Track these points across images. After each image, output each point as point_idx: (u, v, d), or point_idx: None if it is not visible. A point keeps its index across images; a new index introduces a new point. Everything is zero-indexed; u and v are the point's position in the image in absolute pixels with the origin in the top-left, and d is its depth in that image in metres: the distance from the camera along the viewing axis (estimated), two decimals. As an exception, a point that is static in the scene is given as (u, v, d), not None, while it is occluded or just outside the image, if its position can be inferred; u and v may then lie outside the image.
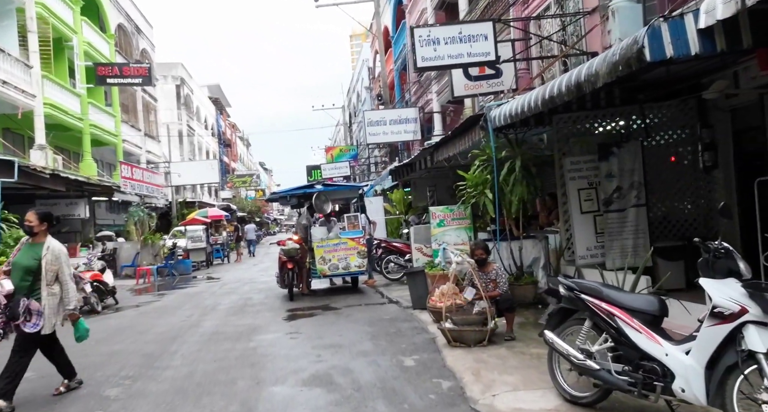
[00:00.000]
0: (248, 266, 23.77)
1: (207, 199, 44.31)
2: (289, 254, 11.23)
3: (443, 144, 11.12)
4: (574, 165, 8.31)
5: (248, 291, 13.48)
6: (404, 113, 17.72)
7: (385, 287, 12.21)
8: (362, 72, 42.73)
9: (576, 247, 8.22)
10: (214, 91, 57.25)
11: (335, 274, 11.53)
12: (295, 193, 11.60)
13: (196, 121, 45.98)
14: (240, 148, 73.20)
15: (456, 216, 9.47)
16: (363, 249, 11.57)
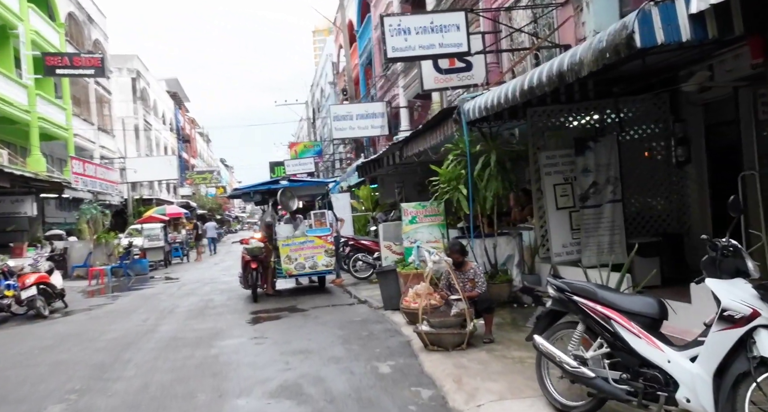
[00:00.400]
0: (209, 265, 22.98)
1: (165, 196, 42.91)
2: (252, 253, 10.70)
3: (413, 138, 10.78)
4: (550, 159, 8.09)
5: (209, 292, 12.86)
6: (371, 108, 17.32)
7: (354, 286, 11.81)
8: (326, 67, 42.09)
9: (551, 244, 8.00)
10: (172, 85, 55.56)
11: (302, 273, 11.06)
12: (258, 189, 11.06)
13: (154, 115, 44.45)
14: (200, 144, 71.41)
15: (429, 212, 9.15)
16: (330, 247, 11.13)
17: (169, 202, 36.94)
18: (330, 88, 40.68)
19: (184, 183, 50.27)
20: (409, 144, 11.28)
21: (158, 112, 46.88)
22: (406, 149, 11.65)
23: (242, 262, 11.05)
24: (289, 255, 10.92)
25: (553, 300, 4.16)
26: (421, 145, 10.37)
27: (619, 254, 7.80)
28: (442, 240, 9.06)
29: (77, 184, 20.29)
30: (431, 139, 9.69)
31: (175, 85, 56.76)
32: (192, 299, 11.90)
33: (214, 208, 53.29)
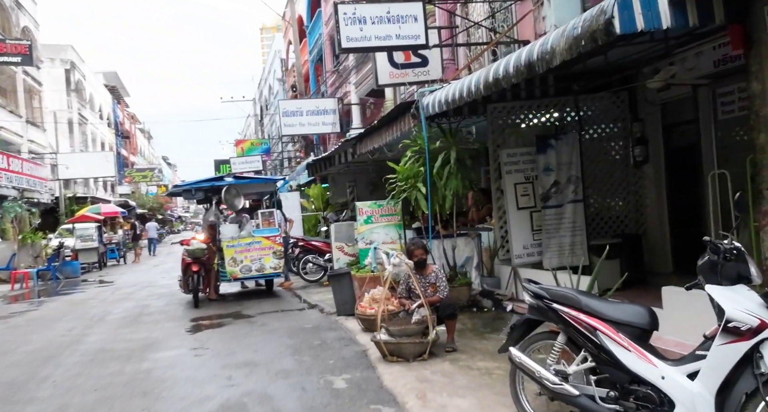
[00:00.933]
0: (148, 267, 21.73)
1: (102, 194, 40.72)
2: (194, 254, 9.94)
3: (368, 135, 10.30)
4: (511, 157, 7.78)
5: (146, 297, 11.94)
6: (322, 104, 16.72)
7: (304, 289, 11.20)
8: (274, 63, 41.01)
9: (512, 245, 7.70)
10: (110, 79, 52.89)
11: (248, 276, 10.37)
12: (201, 186, 10.29)
13: (90, 109, 42.08)
14: (140, 140, 68.44)
15: (385, 212, 8.68)
16: (279, 249, 10.50)
17: (106, 200, 35.02)
18: (279, 85, 39.65)
19: (123, 181, 47.93)
20: (363, 141, 10.79)
21: (95, 107, 44.46)
22: (360, 146, 11.16)
23: (182, 264, 10.26)
24: (234, 257, 10.22)
25: (530, 308, 3.76)
26: (377, 142, 9.90)
27: (580, 256, 7.57)
28: (399, 241, 8.62)
29: (0, 180, 18.70)
30: (387, 135, 9.24)
31: (114, 78, 54.09)
32: (126, 304, 10.98)
33: (155, 207, 51.08)
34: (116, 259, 24.37)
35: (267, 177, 12.57)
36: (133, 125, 63.41)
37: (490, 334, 6.22)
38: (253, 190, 11.09)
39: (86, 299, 12.36)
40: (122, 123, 55.71)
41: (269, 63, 44.71)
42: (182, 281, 10.36)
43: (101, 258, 22.03)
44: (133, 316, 9.52)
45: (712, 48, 6.74)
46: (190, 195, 10.17)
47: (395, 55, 11.19)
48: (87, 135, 40.85)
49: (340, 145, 12.48)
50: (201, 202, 11.09)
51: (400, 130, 8.54)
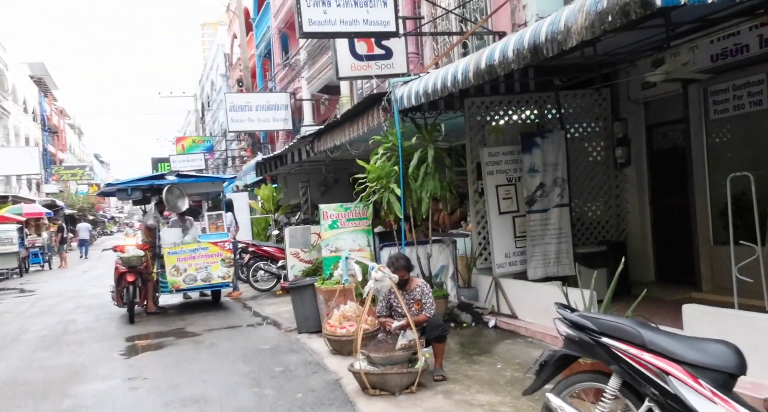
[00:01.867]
0: (76, 273, 19.86)
1: (26, 193, 37.64)
2: (129, 263, 8.72)
3: (329, 131, 9.40)
4: (493, 157, 7.09)
5: (72, 310, 10.52)
6: (273, 99, 15.62)
7: (255, 300, 10.16)
8: (217, 58, 39.23)
9: (493, 253, 7.00)
10: (37, 70, 49.20)
11: (192, 287, 9.23)
12: (139, 185, 9.03)
13: (12, 102, 38.88)
14: (70, 136, 64.33)
15: (353, 216, 7.79)
16: (228, 256, 9.41)
17: (30, 200, 32.27)
18: (222, 81, 37.92)
19: (50, 180, 44.61)
20: (322, 137, 9.87)
21: (18, 99, 41.16)
22: (319, 144, 10.24)
23: (116, 274, 9.01)
24: (176, 265, 9.05)
25: (568, 341, 3.01)
26: (339, 139, 9.02)
27: (566, 265, 6.97)
28: (368, 248, 7.75)
29: None
30: (352, 131, 8.37)
31: (40, 69, 50.38)
32: (48, 319, 9.58)
33: (86, 207, 47.90)
34: (40, 264, 22.25)
35: (214, 176, 11.37)
36: (62, 120, 59.49)
37: (479, 356, 5.47)
38: (198, 190, 9.93)
39: (1, 312, 10.80)
40: (50, 117, 52.01)
41: (211, 58, 42.79)
42: (115, 292, 9.10)
43: (22, 263, 19.97)
44: (55, 334, 8.20)
45: (710, 42, 6.28)
46: (125, 195, 8.93)
47: (357, 46, 10.33)
48: (9, 129, 37.68)
49: (295, 142, 11.49)
50: (138, 203, 9.84)
51: (368, 125, 7.70)
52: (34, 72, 47.79)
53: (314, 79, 17.86)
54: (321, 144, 10.13)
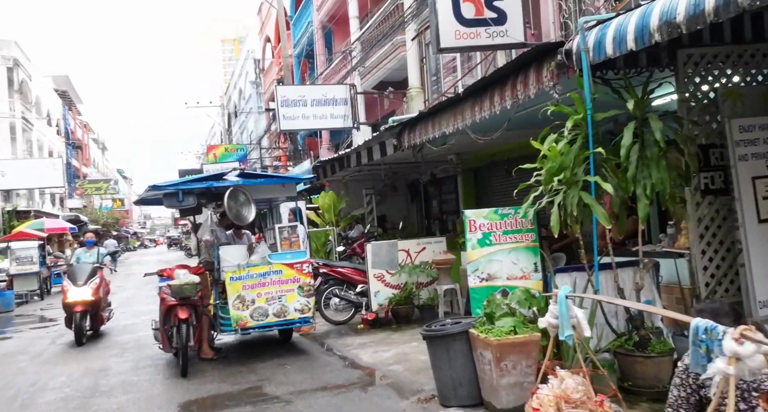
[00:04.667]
0: (103, 295, 17.67)
1: (50, 208, 36.02)
2: (182, 292, 6.42)
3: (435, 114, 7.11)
4: (746, 133, 4.66)
5: (102, 351, 8.25)
6: (331, 91, 13.38)
7: (333, 337, 7.83)
8: (246, 65, 37.48)
9: (750, 284, 4.54)
10: (61, 83, 48.07)
11: (263, 325, 6.88)
12: (193, 188, 6.72)
13: (36, 114, 37.43)
14: (94, 151, 63.27)
15: (512, 226, 5.37)
16: (308, 282, 7.08)
17: (53, 215, 30.53)
18: (251, 89, 36.12)
19: (74, 194, 43.07)
20: (420, 125, 7.59)
21: (42, 111, 39.78)
22: (411, 135, 7.96)
23: (162, 307, 6.73)
24: (241, 295, 6.74)
25: None
26: (453, 123, 6.72)
27: None
28: (534, 275, 5.32)
29: None
30: (483, 107, 6.06)
31: (65, 82, 49.27)
32: (72, 366, 7.30)
33: (110, 223, 46.23)
34: (63, 284, 20.14)
35: (289, 175, 8.90)
36: (86, 134, 58.42)
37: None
38: (266, 194, 7.60)
39: (13, 352, 8.57)
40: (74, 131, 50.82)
41: (239, 65, 41.12)
42: (160, 330, 6.80)
43: (44, 284, 17.91)
44: (80, 396, 5.88)
45: None
46: (174, 201, 6.63)
47: (463, 8, 8.03)
48: (32, 142, 36.20)
49: (377, 135, 9.18)
50: (186, 214, 7.60)
51: (521, 93, 5.36)
52: (58, 85, 46.63)
53: (368, 74, 15.64)
54: (415, 135, 7.83)
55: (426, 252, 8.88)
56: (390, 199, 14.77)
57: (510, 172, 10.70)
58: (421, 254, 8.87)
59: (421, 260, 8.79)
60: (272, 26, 28.42)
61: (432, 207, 14.98)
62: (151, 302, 13.42)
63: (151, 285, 19.80)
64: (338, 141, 20.54)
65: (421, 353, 6.34)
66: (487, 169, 11.86)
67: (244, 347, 7.71)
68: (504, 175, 10.79)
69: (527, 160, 5.18)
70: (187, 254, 43.96)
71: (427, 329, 4.73)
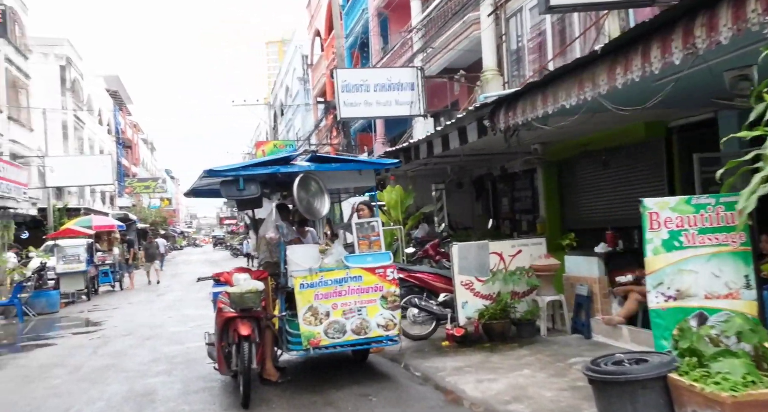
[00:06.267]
0: (149, 296, 16.90)
1: (100, 206, 36.12)
2: (243, 302, 5.19)
3: (556, 81, 5.66)
4: None
5: (147, 366, 7.12)
6: (396, 75, 12.05)
7: (413, 355, 6.48)
8: (294, 61, 36.67)
9: None
10: (112, 83, 48.60)
11: (339, 343, 5.59)
12: (256, 174, 5.46)
13: (87, 113, 37.65)
14: (143, 151, 64.18)
15: (710, 223, 3.87)
16: (393, 291, 5.76)
17: (103, 213, 30.38)
18: (299, 85, 35.27)
19: (123, 193, 43.31)
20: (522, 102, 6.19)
21: (93, 110, 40.07)
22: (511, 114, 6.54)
23: (218, 319, 5.52)
24: (314, 306, 5.47)
25: None
26: (575, 95, 5.30)
27: None
28: (745, 292, 3.80)
29: (-44, 182, 14.04)
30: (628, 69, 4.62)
31: (115, 82, 49.83)
32: (112, 387, 6.18)
33: (159, 221, 46.37)
34: (110, 283, 19.57)
35: (371, 160, 7.39)
36: (136, 134, 59.19)
37: None
38: (341, 183, 6.27)
39: (49, 365, 7.56)
40: (124, 131, 51.39)
41: (286, 62, 40.41)
42: (216, 347, 5.60)
43: (91, 284, 17.26)
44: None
45: None
46: (234, 190, 5.41)
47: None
48: (83, 140, 36.40)
49: (458, 119, 7.74)
50: (245, 207, 6.40)
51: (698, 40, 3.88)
52: (109, 85, 47.13)
53: (431, 60, 14.22)
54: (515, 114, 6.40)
55: (522, 256, 7.45)
56: (454, 197, 13.35)
57: (606, 164, 9.22)
58: (516, 257, 7.44)
59: (517, 265, 7.37)
60: (322, 18, 27.44)
61: (501, 205, 13.49)
62: (200, 306, 12.47)
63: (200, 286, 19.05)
64: (393, 134, 19.24)
65: (541, 386, 4.93)
66: (576, 161, 10.26)
67: (311, 368, 6.44)
68: (598, 168, 9.24)
69: (630, 149, 3.73)
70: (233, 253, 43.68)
71: (597, 370, 3.31)
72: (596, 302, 6.72)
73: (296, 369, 6.32)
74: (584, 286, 6.85)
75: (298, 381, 5.85)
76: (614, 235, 7.45)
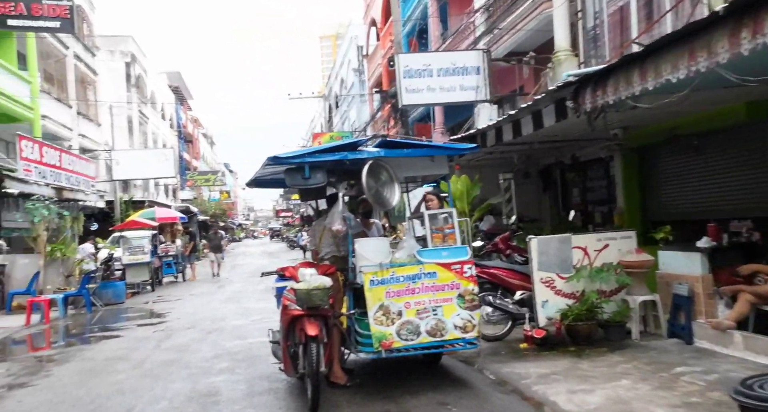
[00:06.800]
0: (210, 287, 17.03)
1: (163, 199, 37.17)
2: (310, 301, 4.81)
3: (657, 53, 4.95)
4: None
5: (210, 363, 6.89)
6: (461, 59, 11.41)
7: (489, 358, 5.94)
8: (349, 53, 36.47)
9: None
10: (174, 79, 50.03)
11: (413, 346, 5.13)
12: (321, 161, 5.04)
13: (151, 108, 38.79)
14: (203, 145, 65.93)
15: None
16: (471, 289, 5.24)
17: (166, 205, 31.15)
18: (354, 77, 35.06)
19: (185, 186, 44.50)
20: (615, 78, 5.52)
21: (156, 105, 41.27)
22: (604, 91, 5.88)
23: (284, 317, 5.16)
24: (385, 305, 5.03)
25: None
26: (683, 66, 4.63)
27: None
28: None
29: (29, 175, 14.43)
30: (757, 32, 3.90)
31: (177, 79, 51.25)
32: (175, 385, 5.96)
33: (218, 214, 47.45)
34: (173, 274, 19.95)
35: (448, 145, 6.72)
36: (196, 129, 60.82)
37: None
38: (410, 171, 5.76)
39: (114, 358, 7.48)
40: (185, 126, 52.85)
41: (342, 54, 40.24)
42: (281, 346, 5.26)
43: (155, 274, 17.57)
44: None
45: None
46: (298, 179, 5.01)
47: None
48: (148, 135, 37.55)
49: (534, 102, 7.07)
50: (307, 197, 6.01)
51: None
52: (171, 81, 48.50)
53: (495, 43, 13.45)
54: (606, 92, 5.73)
55: (610, 250, 6.75)
56: (520, 188, 12.63)
57: (698, 149, 8.29)
58: (602, 252, 6.76)
59: (603, 261, 6.68)
60: (378, 7, 27.02)
61: (571, 196, 12.67)
62: (260, 299, 12.36)
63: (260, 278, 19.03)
64: (453, 124, 18.57)
65: (648, 401, 4.30)
66: (661, 147, 9.35)
67: (379, 369, 6.01)
68: (688, 154, 8.36)
69: (727, 133, 3.02)
70: (290, 245, 44.18)
71: (758, 397, 2.67)
72: (698, 303, 5.96)
73: (363, 371, 5.91)
74: (684, 285, 6.10)
75: (368, 385, 5.42)
76: (717, 228, 6.62)
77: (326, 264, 5.49)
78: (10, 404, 5.56)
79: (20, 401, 5.62)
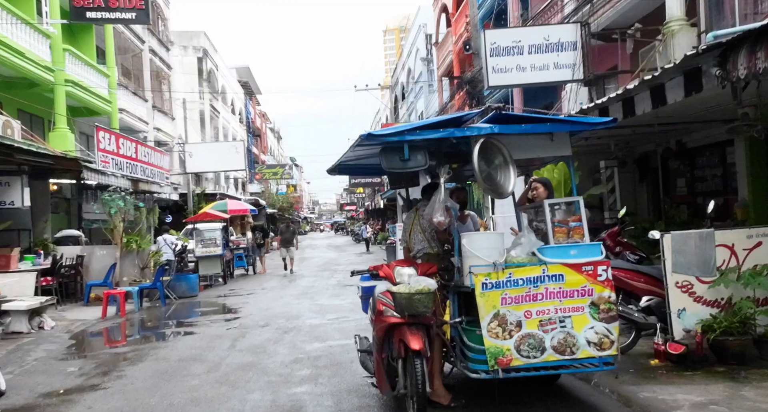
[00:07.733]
0: (281, 281, 16.67)
1: (233, 192, 37.70)
2: (411, 307, 4.00)
3: None
4: None
5: (289, 369, 6.22)
6: (555, 33, 10.23)
7: (613, 373, 4.91)
8: (417, 41, 35.49)
9: None
10: (243, 74, 50.77)
11: (537, 363, 4.22)
12: (426, 139, 4.17)
13: (222, 102, 39.40)
14: (270, 140, 66.94)
15: None
16: (607, 295, 4.27)
17: (236, 198, 31.47)
18: (422, 66, 34.07)
19: (254, 179, 45.11)
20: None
21: (227, 100, 41.94)
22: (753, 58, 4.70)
23: (379, 324, 4.37)
24: (501, 313, 4.15)
25: None
26: None
27: None
28: None
29: (106, 166, 14.47)
30: None
31: (246, 74, 52.00)
32: (253, 395, 5.32)
33: (285, 207, 47.87)
34: (244, 267, 19.82)
35: (575, 119, 5.73)
36: (264, 123, 61.74)
37: None
38: (526, 152, 4.68)
39: (189, 358, 6.98)
40: (254, 120, 53.65)
41: (409, 43, 39.28)
42: (375, 359, 4.48)
43: (227, 267, 17.41)
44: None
45: None
46: (396, 161, 4.19)
47: None
48: (219, 129, 38.18)
49: (673, 66, 5.92)
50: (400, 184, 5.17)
51: None
52: (240, 76, 49.24)
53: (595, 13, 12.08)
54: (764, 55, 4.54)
55: (763, 249, 5.56)
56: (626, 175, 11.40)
57: None
58: (754, 251, 5.57)
59: (757, 262, 5.49)
60: (448, -5, 25.95)
61: (675, 187, 11.29)
62: (334, 295, 11.76)
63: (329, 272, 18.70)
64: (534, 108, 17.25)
65: None
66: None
67: (485, 387, 5.12)
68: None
69: None
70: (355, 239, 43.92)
71: None
72: None
73: (467, 388, 5.04)
74: None
75: (475, 406, 4.56)
76: None
77: (426, 263, 4.65)
78: (80, 411, 5.09)
79: (90, 408, 5.14)
